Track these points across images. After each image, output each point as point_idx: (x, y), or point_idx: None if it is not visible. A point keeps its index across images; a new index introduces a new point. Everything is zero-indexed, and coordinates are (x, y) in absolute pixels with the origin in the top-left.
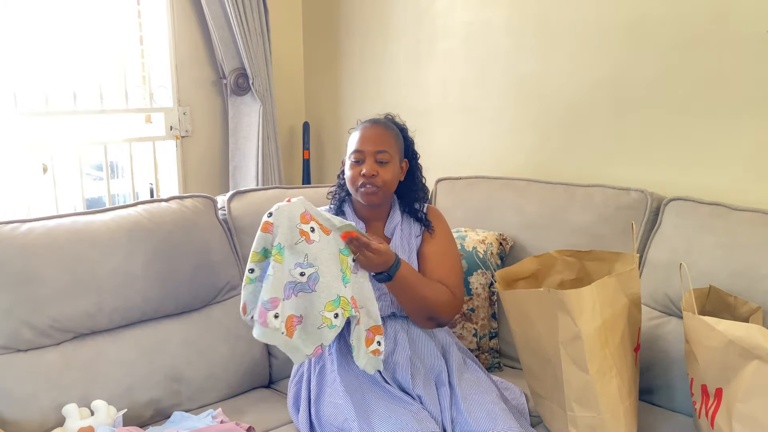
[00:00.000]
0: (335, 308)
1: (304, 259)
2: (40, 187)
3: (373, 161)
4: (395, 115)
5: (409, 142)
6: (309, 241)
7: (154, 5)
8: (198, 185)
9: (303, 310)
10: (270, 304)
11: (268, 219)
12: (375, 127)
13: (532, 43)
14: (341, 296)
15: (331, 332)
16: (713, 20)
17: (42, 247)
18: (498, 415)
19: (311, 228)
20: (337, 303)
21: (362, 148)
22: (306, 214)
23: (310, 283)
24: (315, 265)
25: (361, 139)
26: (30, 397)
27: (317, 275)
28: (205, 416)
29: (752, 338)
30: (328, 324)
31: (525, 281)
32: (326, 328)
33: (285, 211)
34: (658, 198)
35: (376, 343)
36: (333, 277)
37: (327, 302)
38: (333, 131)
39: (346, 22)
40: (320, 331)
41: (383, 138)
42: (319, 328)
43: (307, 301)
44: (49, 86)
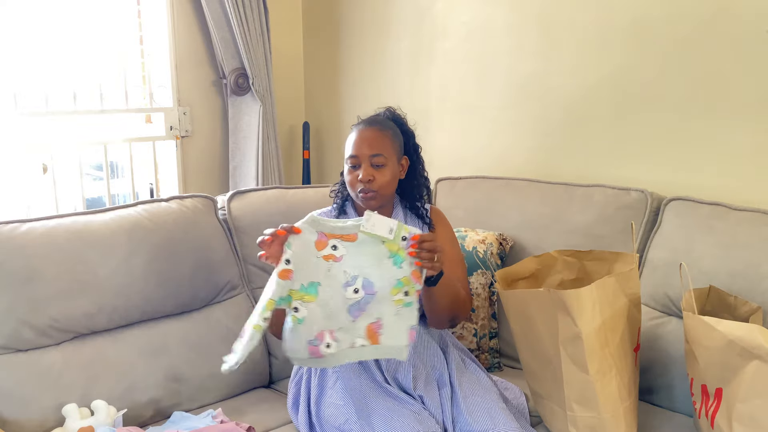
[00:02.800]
0: (400, 289)
1: (345, 276)
2: (40, 187)
3: (369, 165)
4: (396, 108)
5: (409, 136)
6: (338, 259)
7: (154, 5)
8: (198, 185)
9: (377, 313)
10: (318, 340)
11: (287, 267)
12: (370, 130)
13: (532, 43)
14: (399, 279)
15: (411, 310)
16: (713, 20)
17: (42, 247)
18: (498, 415)
19: (333, 246)
20: (400, 285)
21: (357, 153)
22: (320, 240)
23: (367, 291)
24: (358, 273)
25: (356, 144)
26: (30, 397)
27: (367, 280)
28: (205, 416)
29: (752, 338)
30: (403, 304)
31: (525, 281)
32: (404, 308)
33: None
34: (658, 198)
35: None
36: (383, 267)
37: (391, 290)
38: (333, 131)
39: (346, 22)
40: (400, 316)
41: (378, 140)
42: (399, 314)
43: (376, 304)
44: (49, 86)
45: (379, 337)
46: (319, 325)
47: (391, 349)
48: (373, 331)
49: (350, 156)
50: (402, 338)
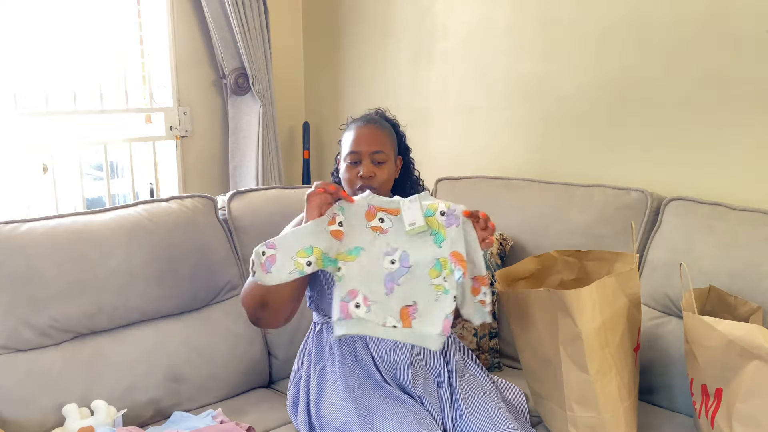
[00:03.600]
0: (440, 273)
1: (387, 247)
2: (40, 187)
3: (370, 162)
4: (386, 110)
5: (401, 137)
6: (384, 231)
7: (154, 5)
8: (198, 185)
9: (413, 295)
10: (349, 297)
11: (339, 228)
12: (369, 127)
13: (532, 43)
14: (439, 258)
15: (448, 298)
16: (713, 20)
17: (42, 247)
18: (498, 415)
19: (380, 219)
20: (438, 267)
21: (358, 149)
22: (370, 211)
23: (403, 264)
24: (398, 246)
25: (357, 140)
26: (30, 397)
27: (405, 254)
28: (205, 416)
29: (752, 338)
30: (442, 290)
31: (525, 281)
32: (442, 295)
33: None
34: (658, 198)
35: (482, 294)
36: (423, 244)
37: (429, 270)
38: (333, 131)
39: (346, 22)
40: (438, 302)
41: (379, 137)
42: (436, 300)
43: (412, 283)
44: (49, 86)
45: (412, 321)
46: (353, 283)
47: (422, 336)
48: (407, 313)
49: (351, 152)
50: (436, 326)
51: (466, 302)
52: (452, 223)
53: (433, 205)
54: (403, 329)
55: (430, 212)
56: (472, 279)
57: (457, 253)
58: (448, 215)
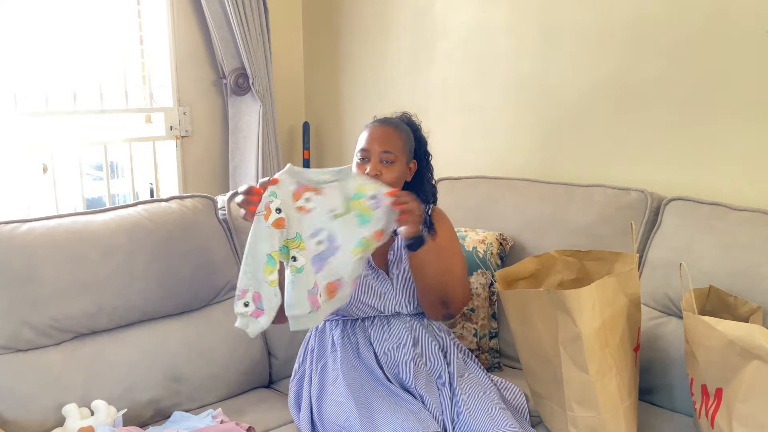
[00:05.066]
0: (362, 249)
1: (312, 228)
2: (40, 187)
3: (378, 161)
4: (412, 114)
5: (422, 143)
6: (307, 211)
7: (154, 5)
8: (198, 185)
9: (339, 272)
10: (315, 289)
11: (280, 215)
12: (384, 127)
13: (532, 43)
14: (363, 237)
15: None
16: (713, 20)
17: (42, 247)
18: (498, 415)
19: (306, 199)
20: (362, 245)
21: (368, 147)
22: (297, 191)
23: (329, 246)
24: (323, 227)
25: (369, 138)
26: (30, 397)
27: (332, 236)
28: (205, 416)
29: (752, 338)
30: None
31: (525, 281)
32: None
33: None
34: (658, 198)
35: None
36: (346, 225)
37: (353, 248)
38: (333, 131)
39: (346, 22)
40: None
41: (390, 138)
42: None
43: (337, 261)
44: (49, 86)
45: (336, 294)
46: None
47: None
48: (333, 288)
49: (361, 149)
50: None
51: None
52: (378, 206)
53: (362, 188)
54: (327, 301)
55: (358, 195)
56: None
57: (379, 231)
58: (376, 199)
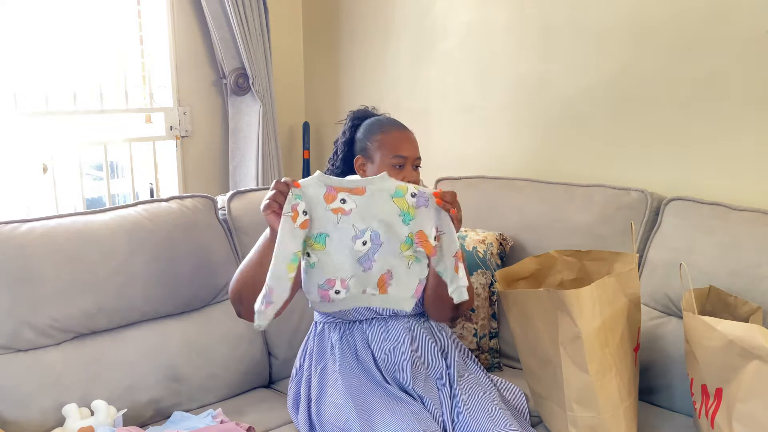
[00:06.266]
0: (410, 246)
1: (354, 230)
2: (40, 187)
3: (411, 168)
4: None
5: None
6: (346, 213)
7: (154, 5)
8: (198, 185)
9: (388, 264)
10: (327, 286)
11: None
12: (409, 133)
13: (532, 43)
14: (408, 234)
15: (420, 265)
16: (713, 20)
17: (42, 247)
18: (498, 415)
19: (342, 200)
20: (409, 242)
21: (406, 154)
22: (329, 193)
23: (374, 242)
24: (366, 225)
25: (405, 144)
26: (30, 397)
27: (376, 233)
28: (205, 416)
29: (752, 338)
30: (414, 259)
31: (525, 281)
32: (414, 263)
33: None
34: (658, 198)
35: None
36: (392, 222)
37: (401, 245)
38: (333, 131)
39: (346, 21)
40: (411, 269)
41: (417, 144)
42: (408, 267)
43: (386, 255)
44: (49, 86)
45: (387, 288)
46: (328, 273)
47: (396, 299)
48: (383, 280)
49: (398, 155)
50: (409, 289)
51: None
52: (422, 204)
53: (402, 186)
54: (380, 295)
55: (399, 193)
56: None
57: (421, 232)
58: (418, 197)
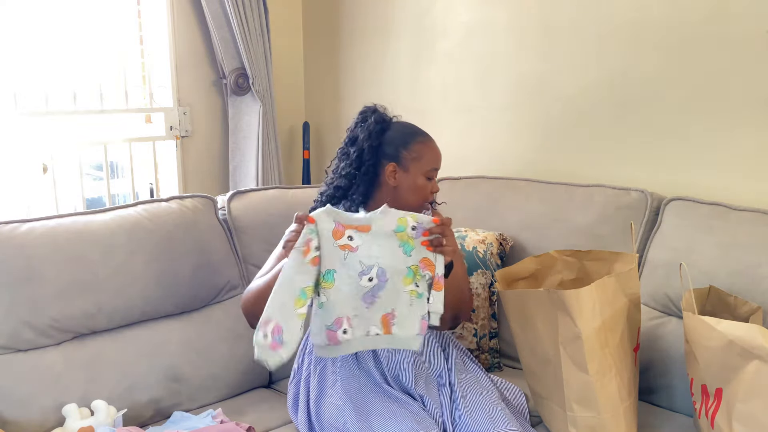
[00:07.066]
0: (412, 280)
1: (361, 266)
2: (40, 187)
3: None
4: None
5: None
6: (353, 249)
7: (154, 5)
8: (198, 185)
9: (391, 303)
10: (336, 326)
11: (317, 254)
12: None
13: (532, 43)
14: (410, 266)
15: (422, 301)
16: (713, 20)
17: (42, 247)
18: (498, 415)
19: (349, 237)
20: (411, 274)
21: (438, 167)
22: (337, 229)
23: (381, 279)
24: (373, 262)
25: (438, 156)
26: (30, 397)
27: (381, 268)
28: (205, 416)
29: (752, 338)
30: (416, 295)
31: (525, 281)
32: (416, 299)
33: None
34: (658, 198)
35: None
36: (395, 256)
37: (402, 279)
38: (333, 131)
39: (346, 22)
40: (413, 307)
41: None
42: (411, 304)
43: (389, 293)
44: (49, 86)
45: (391, 327)
46: (337, 311)
47: (402, 339)
48: (387, 321)
49: (434, 168)
50: (413, 328)
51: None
52: (417, 236)
53: (402, 220)
54: (385, 336)
55: (401, 228)
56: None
57: (425, 258)
58: (417, 229)
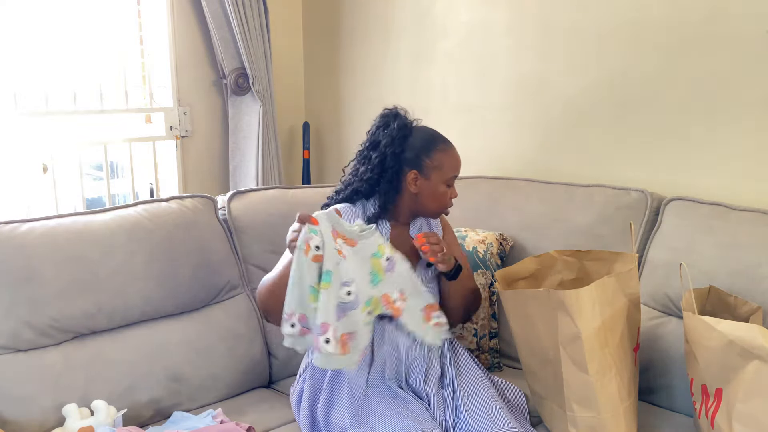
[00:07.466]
0: (367, 308)
1: (346, 276)
2: (40, 187)
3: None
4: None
5: None
6: (343, 256)
7: (154, 5)
8: (198, 185)
9: (352, 325)
10: (320, 329)
11: (318, 252)
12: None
13: (532, 43)
14: (370, 297)
15: (367, 329)
16: (713, 20)
17: (42, 247)
18: (498, 414)
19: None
20: (368, 304)
21: (458, 174)
22: (335, 232)
23: (355, 299)
24: (353, 278)
25: (458, 163)
26: (30, 397)
27: (357, 288)
28: (205, 416)
29: (752, 338)
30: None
31: (525, 281)
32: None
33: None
34: (658, 198)
35: (435, 317)
36: (363, 282)
37: (362, 307)
38: (333, 131)
39: (346, 22)
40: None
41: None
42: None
43: (355, 314)
44: (49, 86)
45: (349, 347)
46: (323, 316)
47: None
48: (345, 341)
49: (454, 176)
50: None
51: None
52: (391, 269)
53: (381, 248)
54: (339, 357)
55: (378, 254)
56: (420, 310)
57: (387, 296)
58: (390, 261)
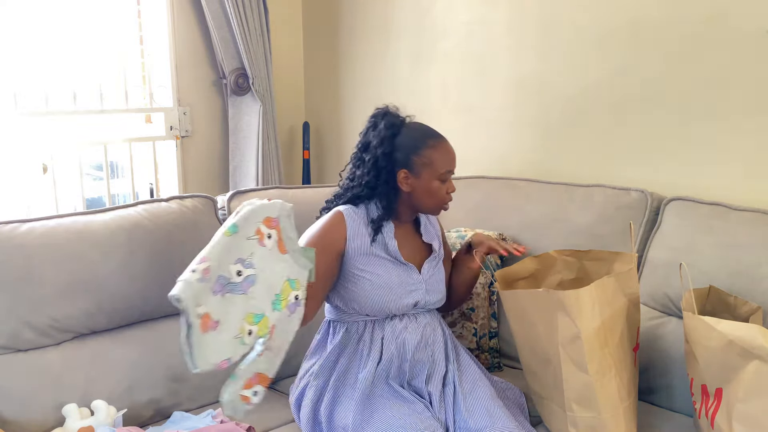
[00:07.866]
0: (253, 324)
1: (248, 257)
2: (40, 187)
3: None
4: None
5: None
6: (261, 243)
7: (154, 5)
8: (198, 185)
9: (223, 314)
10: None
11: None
12: (449, 143)
13: (532, 43)
14: (266, 315)
15: (241, 349)
16: (713, 20)
17: (42, 247)
18: (497, 414)
19: (269, 234)
20: (258, 319)
21: (451, 168)
22: (273, 221)
23: (243, 285)
24: (256, 270)
25: (449, 157)
26: (30, 397)
27: (254, 280)
28: (205, 416)
29: (752, 338)
30: (242, 338)
31: (525, 281)
32: (239, 342)
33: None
34: (658, 198)
35: (253, 392)
36: (267, 292)
37: (249, 314)
38: (333, 131)
39: (346, 22)
40: (233, 343)
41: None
42: (235, 337)
43: (231, 305)
44: (49, 86)
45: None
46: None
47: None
48: (206, 322)
49: (448, 171)
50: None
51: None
52: (291, 310)
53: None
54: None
55: (293, 283)
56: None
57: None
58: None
